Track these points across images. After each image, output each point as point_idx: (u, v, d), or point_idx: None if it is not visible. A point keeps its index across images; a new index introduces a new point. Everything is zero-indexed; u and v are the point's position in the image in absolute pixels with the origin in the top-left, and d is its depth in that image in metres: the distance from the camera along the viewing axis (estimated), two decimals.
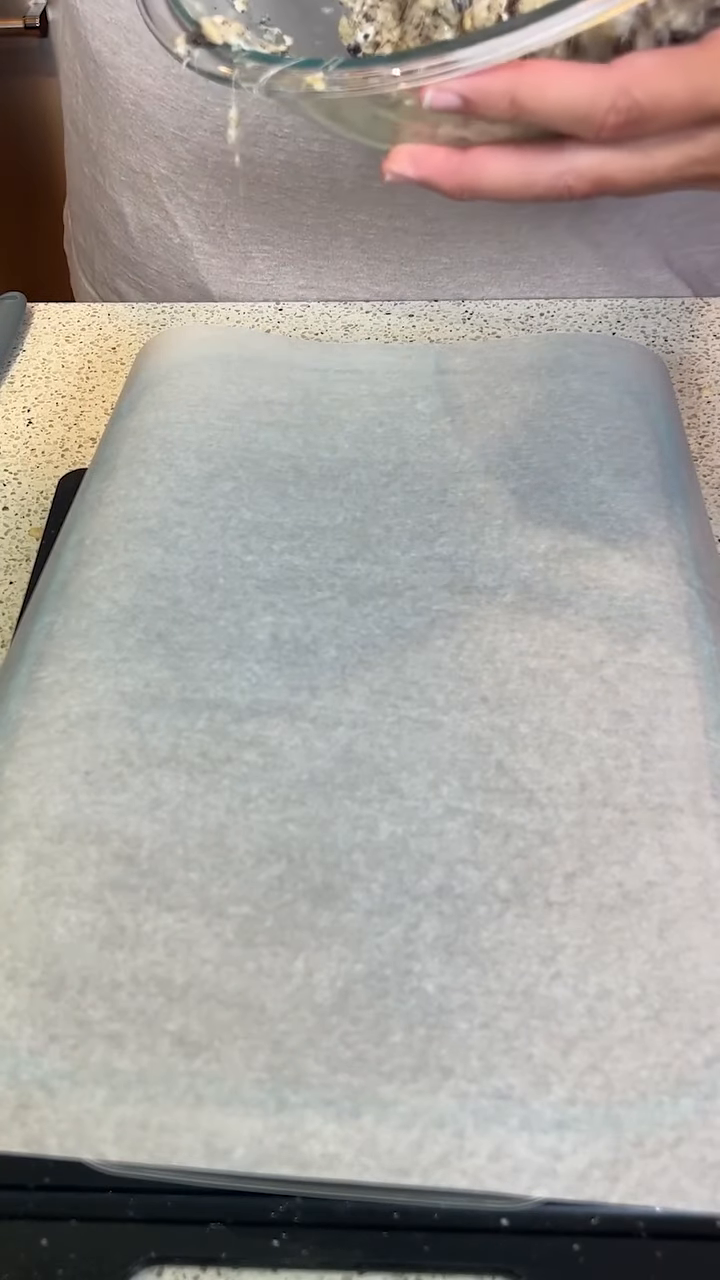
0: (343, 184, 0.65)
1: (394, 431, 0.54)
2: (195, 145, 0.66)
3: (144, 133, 0.67)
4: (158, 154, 0.67)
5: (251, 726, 0.42)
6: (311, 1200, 0.33)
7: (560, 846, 0.39)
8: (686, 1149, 0.32)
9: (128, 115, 0.67)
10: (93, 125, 0.70)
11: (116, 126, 0.68)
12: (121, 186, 0.70)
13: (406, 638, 0.45)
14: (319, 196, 0.66)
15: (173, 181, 0.68)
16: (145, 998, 0.36)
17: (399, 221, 0.66)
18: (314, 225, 0.67)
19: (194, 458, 0.52)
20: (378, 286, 0.69)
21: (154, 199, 0.69)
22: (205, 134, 0.65)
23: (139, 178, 0.69)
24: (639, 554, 0.47)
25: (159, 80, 0.64)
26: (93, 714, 0.42)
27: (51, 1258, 0.33)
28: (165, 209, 0.69)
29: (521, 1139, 0.33)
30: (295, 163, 0.64)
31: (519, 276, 0.69)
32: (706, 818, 0.39)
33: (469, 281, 0.69)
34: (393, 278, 0.69)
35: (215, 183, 0.67)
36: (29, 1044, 0.35)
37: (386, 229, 0.67)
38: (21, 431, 0.61)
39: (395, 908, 0.37)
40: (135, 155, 0.68)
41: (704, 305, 0.67)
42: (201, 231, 0.69)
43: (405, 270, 0.68)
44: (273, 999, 0.36)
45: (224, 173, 0.66)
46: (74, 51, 0.70)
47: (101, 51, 0.66)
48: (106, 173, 0.71)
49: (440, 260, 0.68)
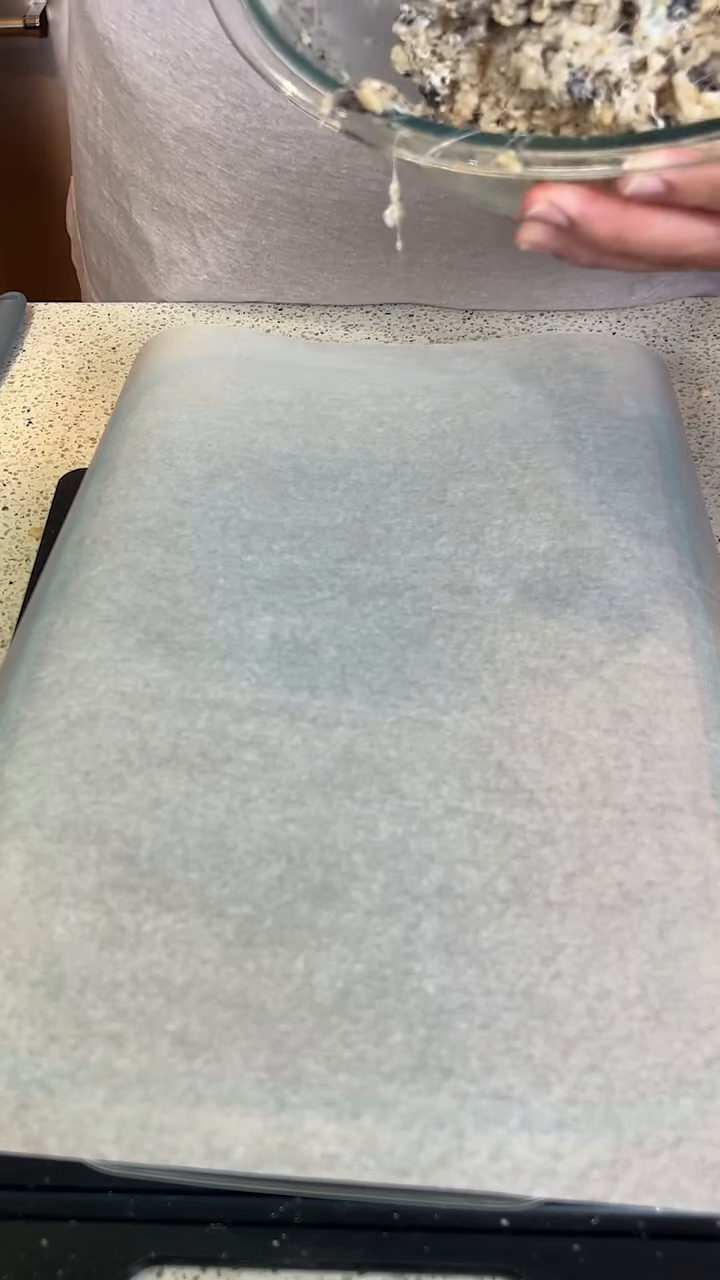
0: None
1: (394, 431, 0.54)
2: (242, 184, 0.64)
3: (184, 169, 0.65)
4: (197, 190, 0.65)
5: (251, 726, 0.42)
6: (311, 1200, 0.33)
7: (560, 846, 0.39)
8: (686, 1149, 0.32)
9: (166, 150, 0.65)
10: (119, 153, 0.68)
11: (152, 159, 0.66)
12: (151, 216, 0.68)
13: (406, 638, 0.45)
14: (366, 236, 0.64)
15: (209, 219, 0.66)
16: (145, 998, 0.36)
17: (446, 256, 0.65)
18: (355, 266, 0.66)
19: (194, 458, 0.52)
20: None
21: (186, 233, 0.67)
22: (255, 174, 0.63)
23: (172, 211, 0.67)
24: (639, 554, 0.47)
25: (207, 119, 0.62)
26: (92, 714, 0.42)
27: (51, 1258, 0.33)
28: (197, 244, 0.67)
29: (521, 1139, 0.33)
30: (349, 202, 0.62)
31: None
32: (706, 818, 0.39)
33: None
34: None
35: (257, 223, 0.65)
36: (29, 1044, 0.35)
37: (433, 265, 0.65)
38: (21, 431, 0.61)
39: (395, 908, 0.37)
40: (171, 189, 0.66)
41: (704, 305, 0.67)
42: (233, 271, 0.67)
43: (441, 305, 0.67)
44: (273, 999, 0.36)
45: (268, 212, 0.64)
46: (92, 73, 0.67)
47: (141, 85, 0.63)
48: (134, 200, 0.69)
49: (479, 295, 0.67)
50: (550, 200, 0.34)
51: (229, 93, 0.61)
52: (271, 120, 0.60)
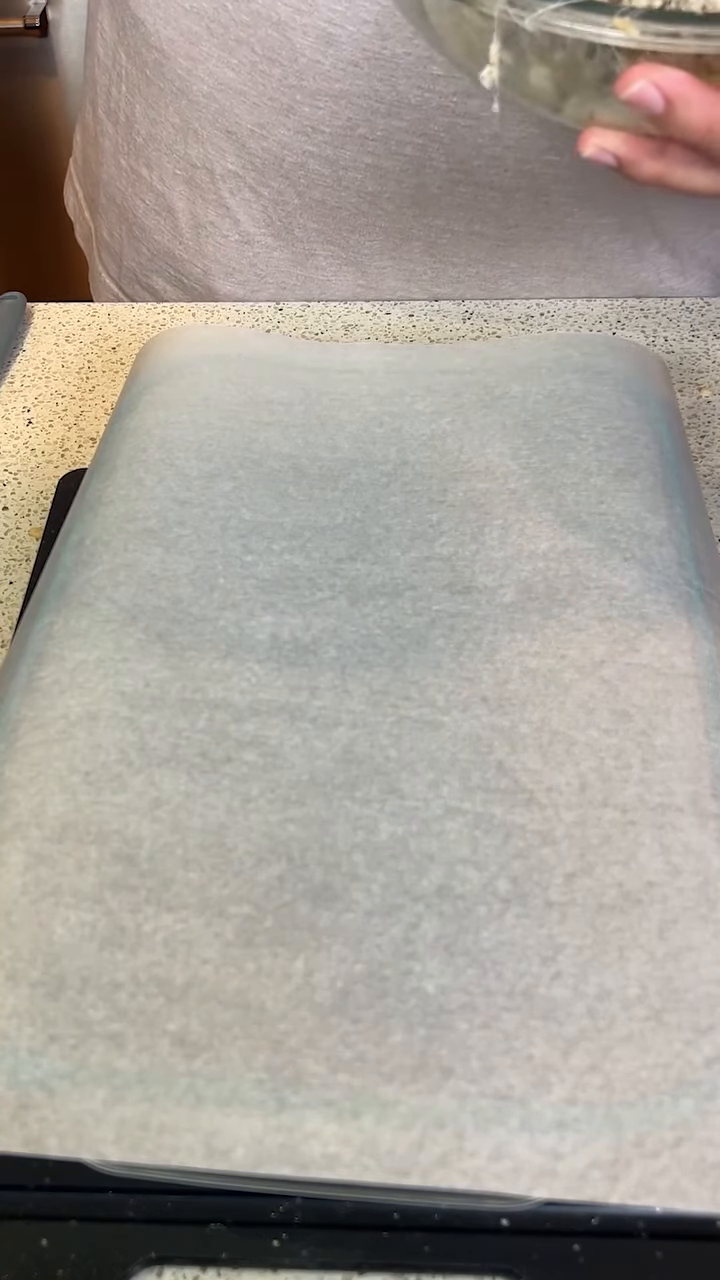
0: (429, 188, 0.63)
1: (394, 431, 0.54)
2: (273, 144, 0.64)
3: (214, 127, 0.65)
4: (227, 149, 0.65)
5: (251, 726, 0.42)
6: (311, 1200, 0.33)
7: (560, 846, 0.39)
8: (686, 1149, 0.32)
9: (195, 108, 0.65)
10: (141, 116, 0.68)
11: (179, 119, 0.66)
12: (175, 180, 0.68)
13: (406, 638, 0.45)
14: (399, 201, 0.64)
15: (240, 178, 0.66)
16: (145, 998, 0.36)
17: (477, 226, 0.65)
18: (386, 229, 0.66)
19: (194, 458, 0.52)
20: (438, 289, 0.68)
21: (214, 195, 0.67)
22: (287, 134, 0.63)
23: (198, 172, 0.67)
24: (639, 554, 0.47)
25: (241, 75, 0.62)
26: (93, 714, 0.42)
27: (51, 1258, 0.33)
28: (226, 205, 0.67)
29: (521, 1139, 0.33)
30: (382, 166, 0.63)
31: (584, 284, 0.68)
32: (706, 818, 0.39)
33: (533, 285, 0.68)
34: (456, 280, 0.68)
35: (289, 183, 0.65)
36: (29, 1044, 0.35)
37: (463, 234, 0.66)
38: (21, 431, 0.61)
39: (395, 908, 0.37)
40: (198, 149, 0.66)
41: (704, 305, 0.67)
42: (267, 225, 0.67)
43: (470, 273, 0.68)
44: (273, 999, 0.36)
45: (300, 174, 0.64)
46: (116, 38, 0.68)
47: (175, 40, 0.63)
48: (156, 165, 0.69)
49: (509, 265, 0.67)
50: (653, 79, 0.33)
51: (265, 45, 0.61)
52: (308, 76, 0.60)
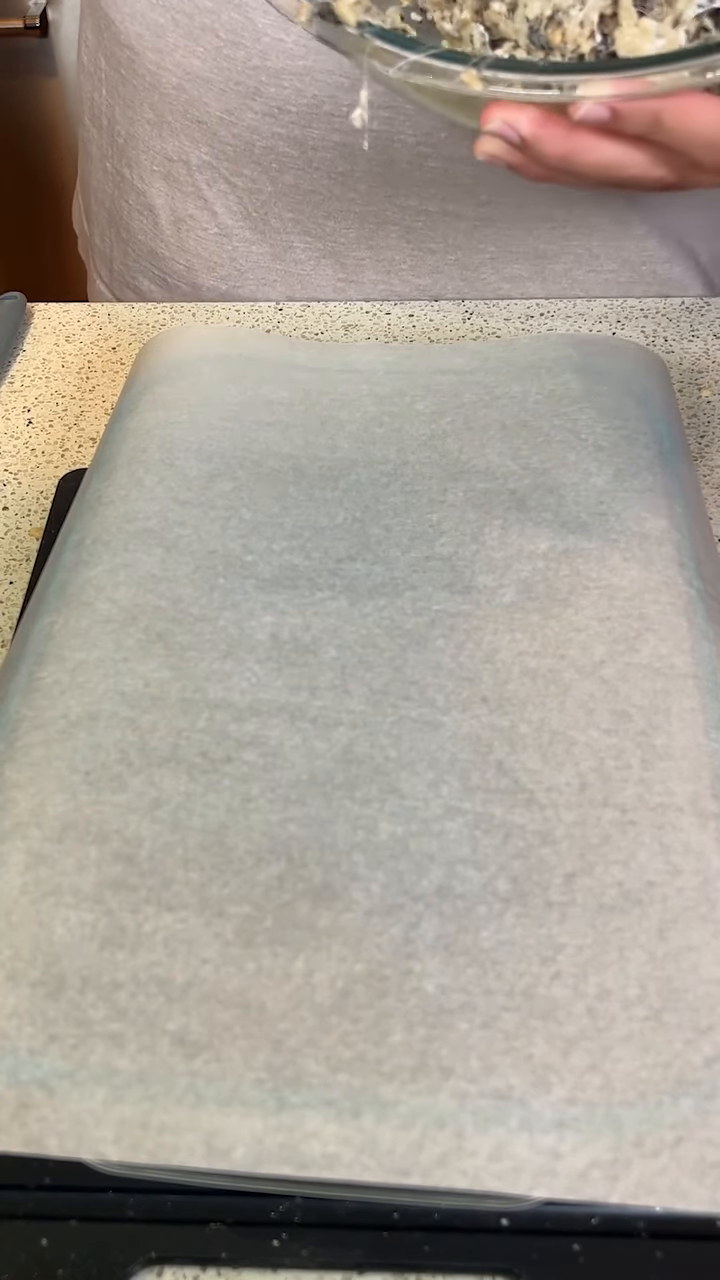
0: (398, 164, 0.64)
1: (394, 431, 0.54)
2: (243, 130, 0.64)
3: (185, 118, 0.66)
4: (199, 139, 0.66)
5: (251, 726, 0.42)
6: (311, 1200, 0.33)
7: (560, 846, 0.39)
8: (686, 1149, 0.32)
9: (167, 101, 0.66)
10: (120, 117, 0.69)
11: (153, 114, 0.67)
12: (153, 177, 0.69)
13: (406, 638, 0.45)
14: (371, 180, 0.65)
15: (214, 168, 0.67)
16: (145, 998, 0.36)
17: (451, 205, 0.65)
18: (361, 213, 0.66)
19: (194, 458, 0.52)
20: (419, 280, 0.68)
21: (191, 188, 0.68)
22: (255, 117, 0.64)
23: (175, 166, 0.68)
24: (639, 554, 0.47)
25: (207, 62, 0.63)
26: (93, 714, 0.42)
27: (51, 1258, 0.33)
28: (204, 197, 0.68)
29: (521, 1139, 0.33)
30: (351, 145, 0.63)
31: (562, 271, 0.68)
32: (706, 818, 0.39)
33: (512, 275, 0.68)
34: (435, 269, 0.68)
35: (261, 170, 0.66)
36: (29, 1044, 0.35)
37: (437, 214, 0.66)
38: (21, 431, 0.61)
39: (395, 908, 0.37)
40: (173, 143, 0.67)
41: (704, 305, 0.67)
42: (244, 218, 0.68)
43: (450, 260, 0.68)
44: (273, 999, 0.36)
45: (271, 158, 0.65)
46: (96, 43, 0.69)
47: (143, 35, 0.64)
48: (135, 165, 0.69)
49: (487, 249, 0.67)
50: (505, 119, 0.37)
51: (228, 29, 0.62)
52: (271, 55, 0.61)
